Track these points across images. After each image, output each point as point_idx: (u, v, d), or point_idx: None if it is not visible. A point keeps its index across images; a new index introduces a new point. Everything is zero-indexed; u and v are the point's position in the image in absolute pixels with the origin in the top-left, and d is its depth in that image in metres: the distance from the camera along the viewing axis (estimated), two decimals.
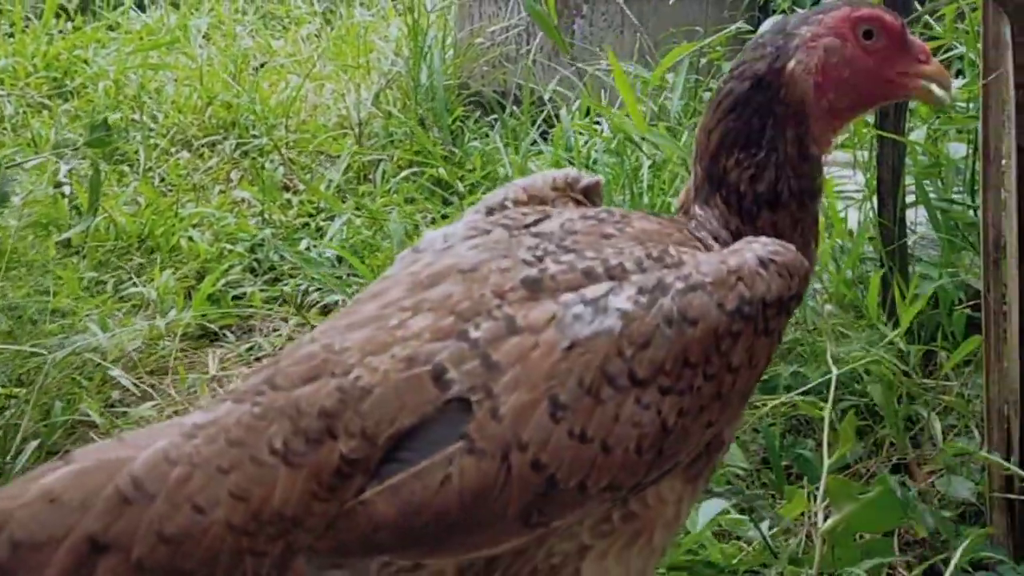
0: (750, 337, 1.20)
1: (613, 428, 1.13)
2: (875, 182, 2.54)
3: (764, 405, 2.37)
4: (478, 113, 4.60)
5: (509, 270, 1.20)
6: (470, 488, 1.09)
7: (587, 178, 1.47)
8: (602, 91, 4.11)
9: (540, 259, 1.22)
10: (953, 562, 1.62)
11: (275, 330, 3.20)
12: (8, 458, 2.34)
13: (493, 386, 1.11)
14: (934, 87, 1.37)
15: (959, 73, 4.02)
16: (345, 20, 5.68)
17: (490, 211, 1.40)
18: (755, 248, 1.24)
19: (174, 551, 1.03)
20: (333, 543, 1.09)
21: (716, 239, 1.34)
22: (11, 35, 5.37)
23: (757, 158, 1.34)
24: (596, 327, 1.14)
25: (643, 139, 3.10)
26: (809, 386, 2.22)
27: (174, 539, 1.03)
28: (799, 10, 3.90)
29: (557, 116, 3.98)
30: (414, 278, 1.23)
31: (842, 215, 2.73)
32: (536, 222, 1.32)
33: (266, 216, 3.78)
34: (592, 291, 1.17)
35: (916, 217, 2.70)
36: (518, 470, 1.09)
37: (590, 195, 1.47)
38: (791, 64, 1.34)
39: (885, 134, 2.48)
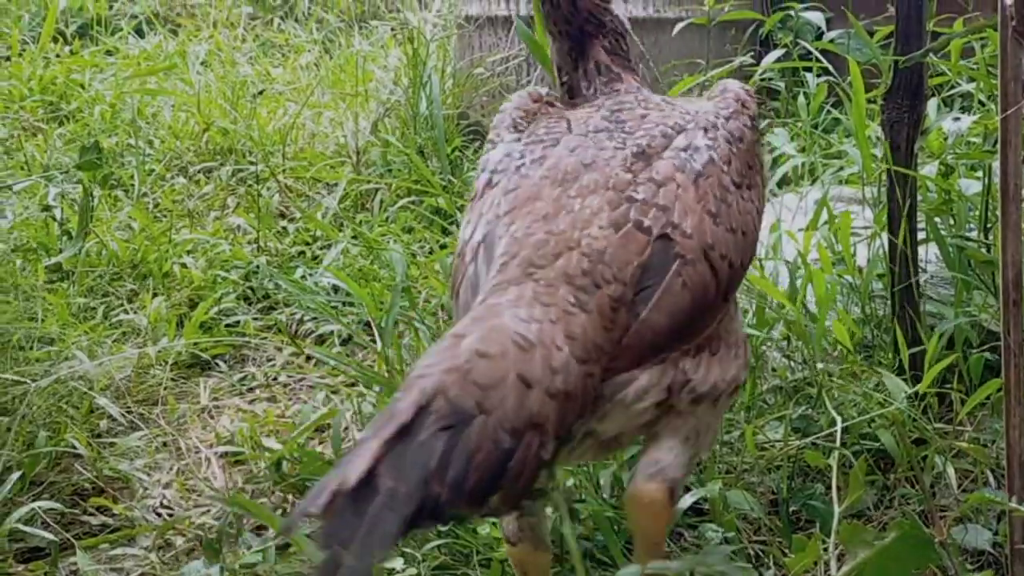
0: (758, 143, 1.72)
1: (741, 219, 1.59)
2: (885, 218, 2.48)
3: (772, 447, 2.29)
4: (477, 143, 4.55)
5: (615, 156, 1.60)
6: (698, 285, 1.50)
7: (546, 91, 1.89)
8: None
9: (624, 142, 1.62)
10: None
11: (269, 360, 3.11)
12: None
13: (673, 219, 1.51)
14: None
15: (964, 110, 3.98)
16: (344, 49, 5.64)
17: (515, 127, 1.77)
18: (733, 82, 1.78)
19: (561, 379, 1.38)
20: (629, 356, 1.47)
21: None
22: (7, 58, 5.32)
23: None
24: (703, 160, 1.60)
25: None
26: (815, 433, 2.15)
27: (558, 370, 1.38)
28: (802, 42, 3.83)
29: None
30: (549, 181, 1.59)
31: (852, 251, 2.66)
32: (569, 127, 1.70)
33: (261, 244, 3.71)
34: (679, 142, 1.62)
35: (926, 255, 2.64)
36: (716, 263, 1.52)
37: (553, 102, 1.87)
38: None
39: (897, 168, 2.42)
